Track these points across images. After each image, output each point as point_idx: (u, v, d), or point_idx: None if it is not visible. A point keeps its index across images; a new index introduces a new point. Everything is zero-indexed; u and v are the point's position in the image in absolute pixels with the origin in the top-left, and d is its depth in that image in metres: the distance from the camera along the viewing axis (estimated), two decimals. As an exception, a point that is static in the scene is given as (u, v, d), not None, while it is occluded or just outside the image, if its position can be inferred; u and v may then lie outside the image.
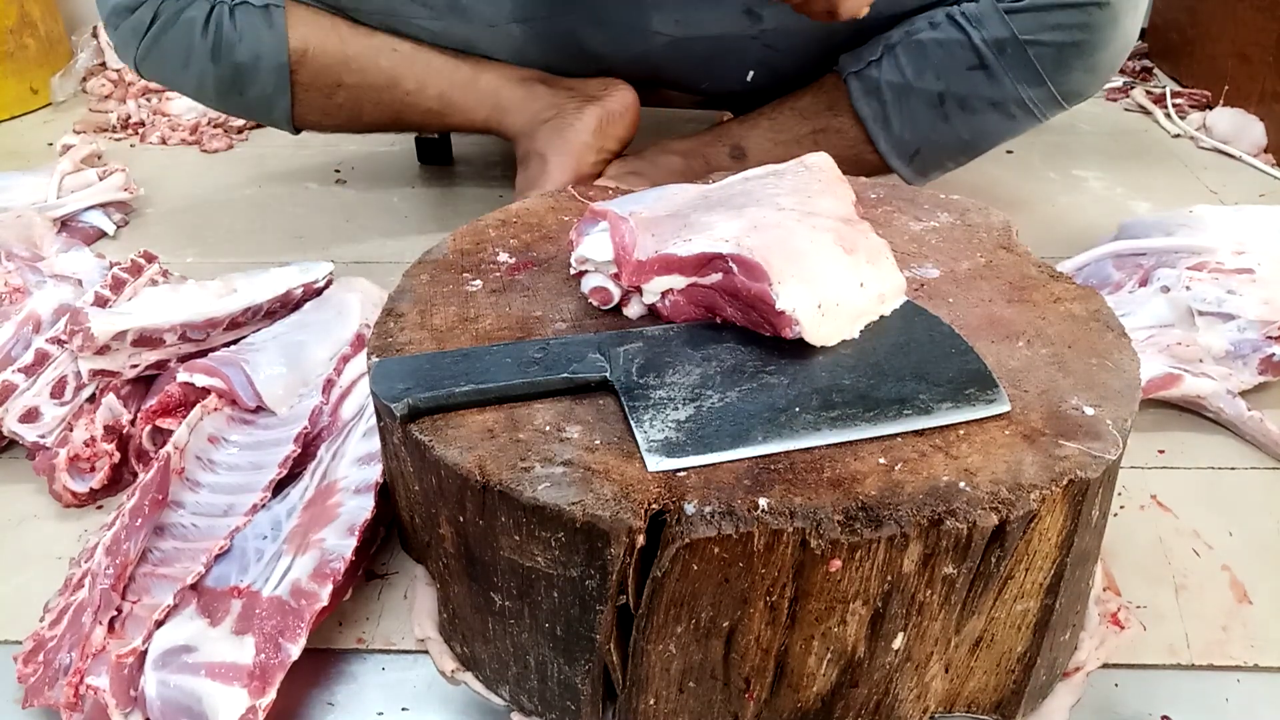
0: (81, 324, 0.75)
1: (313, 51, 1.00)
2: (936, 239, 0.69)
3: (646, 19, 1.02)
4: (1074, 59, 0.94)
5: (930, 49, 0.97)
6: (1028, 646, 0.52)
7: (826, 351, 0.55)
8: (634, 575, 0.46)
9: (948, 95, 0.98)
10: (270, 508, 0.67)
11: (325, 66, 1.01)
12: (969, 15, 0.95)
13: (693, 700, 0.50)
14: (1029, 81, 0.96)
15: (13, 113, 1.58)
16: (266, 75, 1.00)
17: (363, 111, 1.05)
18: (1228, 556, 0.69)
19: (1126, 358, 0.56)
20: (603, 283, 0.60)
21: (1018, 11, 0.93)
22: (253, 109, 1.05)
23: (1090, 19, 0.92)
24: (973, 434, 0.50)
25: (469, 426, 0.51)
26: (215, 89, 1.02)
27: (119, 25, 0.99)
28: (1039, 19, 0.93)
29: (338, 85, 1.02)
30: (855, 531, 0.44)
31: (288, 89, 1.01)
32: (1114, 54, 0.96)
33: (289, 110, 1.04)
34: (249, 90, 1.02)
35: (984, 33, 0.94)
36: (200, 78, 1.01)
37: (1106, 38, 0.94)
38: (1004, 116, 0.99)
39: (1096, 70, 0.96)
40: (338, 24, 1.01)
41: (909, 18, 1.00)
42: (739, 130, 1.06)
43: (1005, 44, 0.94)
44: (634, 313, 0.60)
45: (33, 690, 0.58)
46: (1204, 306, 0.83)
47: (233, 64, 0.99)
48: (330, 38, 1.00)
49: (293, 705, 0.59)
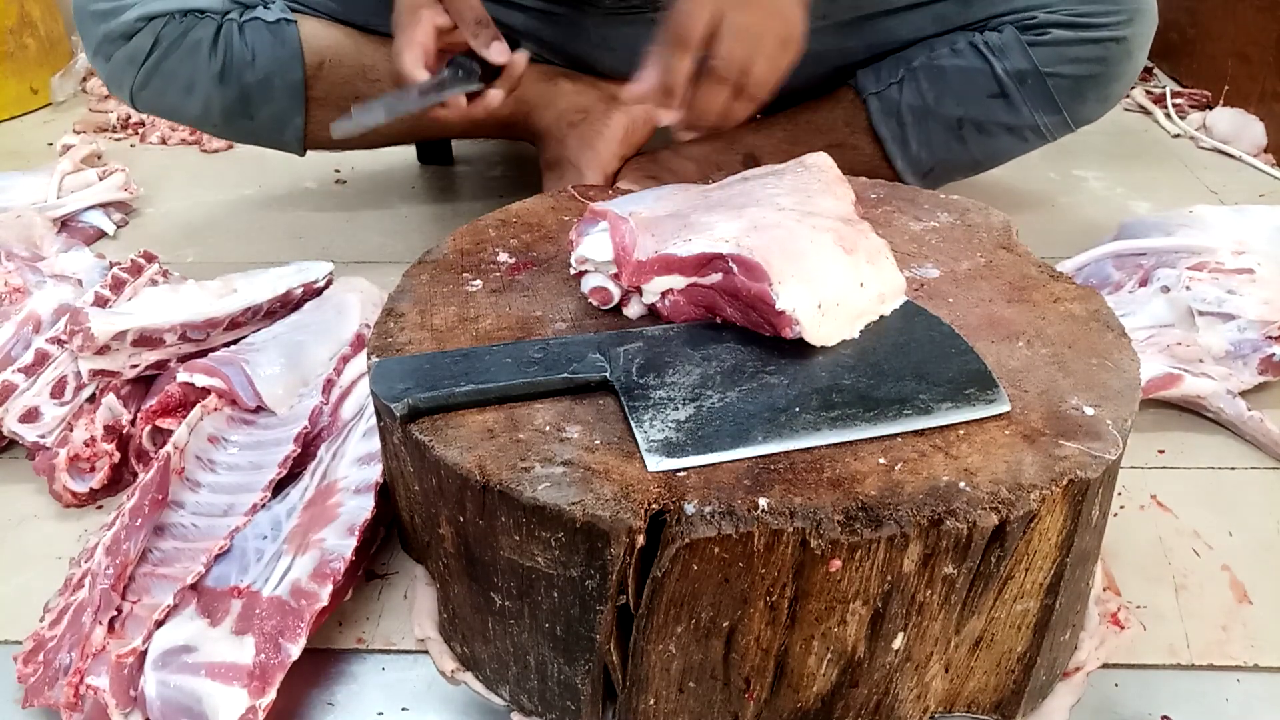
0: (81, 324, 0.75)
1: (329, 64, 0.97)
2: (936, 239, 0.69)
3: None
4: (1089, 90, 0.98)
5: (952, 75, 0.99)
6: (1028, 646, 0.52)
7: (826, 351, 0.55)
8: (634, 575, 0.46)
9: (966, 120, 1.00)
10: (270, 508, 0.67)
11: (342, 78, 0.98)
12: (992, 45, 0.98)
13: (693, 700, 0.50)
14: (1046, 110, 0.99)
15: (13, 113, 1.58)
16: (280, 93, 0.97)
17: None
18: (1228, 556, 0.69)
19: (1126, 358, 0.56)
20: (603, 283, 0.60)
21: (1039, 44, 0.96)
22: (261, 132, 1.02)
23: (1108, 53, 0.95)
24: (973, 434, 0.50)
25: (469, 426, 0.51)
26: (221, 113, 0.99)
27: (112, 55, 0.95)
28: (1059, 52, 0.96)
29: (355, 96, 0.99)
30: (855, 531, 0.44)
31: (302, 106, 0.98)
32: (1126, 84, 0.99)
33: (302, 129, 1.00)
34: (259, 111, 0.99)
35: (1006, 64, 0.96)
36: (205, 103, 0.98)
37: (1121, 70, 0.97)
38: (1017, 139, 1.02)
39: (1109, 99, 1.00)
40: (351, 34, 0.98)
41: (927, 41, 1.01)
42: (752, 138, 1.06)
43: (1026, 75, 0.97)
44: (634, 313, 0.60)
45: (33, 690, 0.58)
46: (1204, 306, 0.83)
47: (243, 85, 0.96)
48: (346, 48, 0.98)
49: (293, 705, 0.59)
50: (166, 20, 0.93)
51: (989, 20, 0.98)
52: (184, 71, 0.95)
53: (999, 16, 0.98)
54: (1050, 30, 0.95)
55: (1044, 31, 0.95)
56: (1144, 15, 0.95)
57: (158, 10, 0.93)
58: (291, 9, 0.96)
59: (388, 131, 1.04)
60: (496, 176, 1.34)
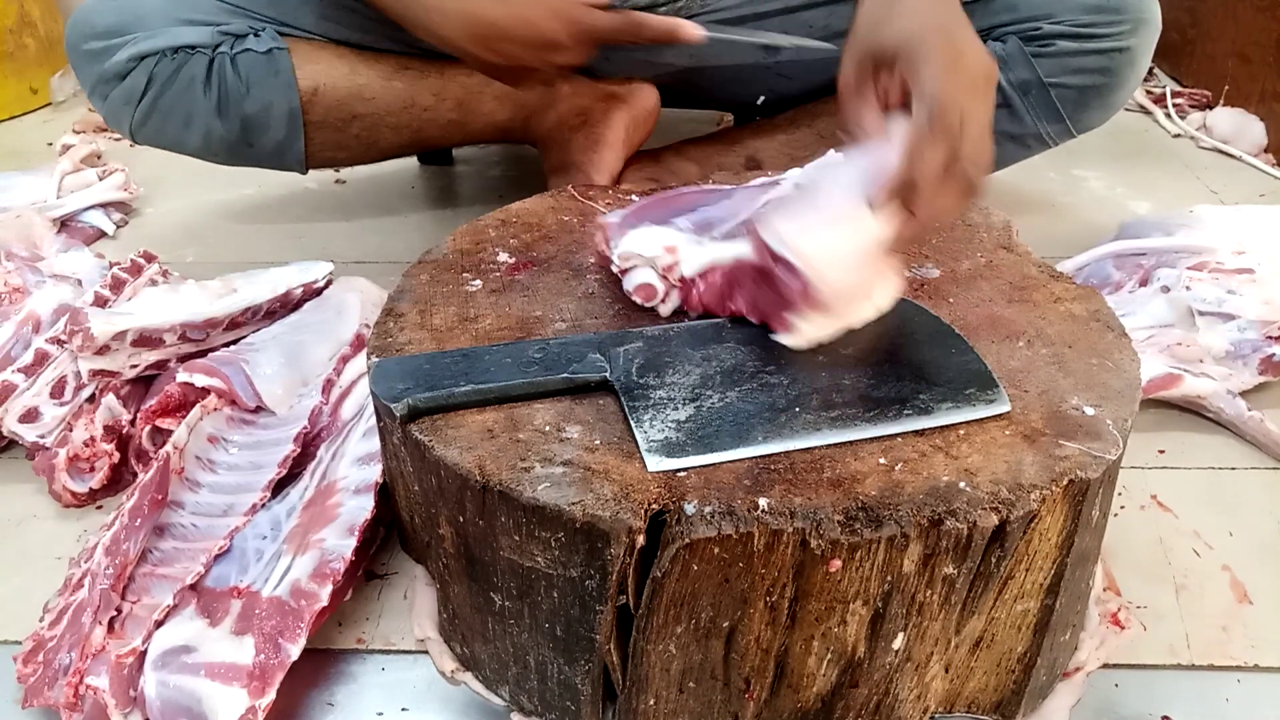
0: (81, 324, 0.75)
1: (323, 88, 0.96)
2: (937, 239, 0.69)
3: (658, 52, 1.01)
4: (1093, 99, 0.97)
5: None
6: (1028, 647, 0.52)
7: (827, 351, 0.55)
8: (634, 575, 0.46)
9: None
10: (270, 508, 0.67)
11: (338, 101, 0.98)
12: (996, 56, 0.97)
13: (693, 700, 0.50)
14: (1049, 119, 0.98)
15: (12, 112, 1.58)
16: (278, 122, 0.97)
17: (380, 138, 1.02)
18: (1228, 556, 0.69)
19: (1127, 358, 0.56)
20: (650, 279, 0.60)
21: (1043, 55, 0.96)
22: (262, 158, 1.02)
23: (1112, 63, 0.95)
24: (973, 434, 0.50)
25: (469, 427, 0.51)
26: (223, 145, 0.98)
27: (108, 95, 0.95)
28: (1063, 63, 0.95)
29: (352, 117, 0.99)
30: (855, 532, 0.44)
31: (301, 132, 0.98)
32: (1129, 92, 0.99)
33: (303, 153, 1.00)
34: (260, 140, 0.98)
35: (1010, 74, 0.96)
36: (206, 136, 0.97)
37: (1124, 79, 0.97)
38: (1020, 147, 1.02)
39: (1111, 107, 1.00)
40: (343, 54, 0.98)
41: None
42: (754, 141, 1.06)
43: (1030, 86, 0.96)
44: (666, 310, 0.61)
45: (32, 690, 0.58)
46: (1204, 306, 0.83)
47: (241, 117, 0.95)
48: (338, 69, 0.97)
49: (292, 705, 0.59)
50: (159, 58, 0.93)
51: (992, 30, 0.98)
52: (181, 107, 0.95)
53: (1002, 27, 0.97)
54: (1054, 41, 0.95)
55: (1048, 43, 0.95)
56: (1147, 25, 0.95)
57: (149, 49, 0.93)
58: (281, 34, 0.96)
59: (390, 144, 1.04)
60: (496, 176, 1.34)
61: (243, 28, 0.95)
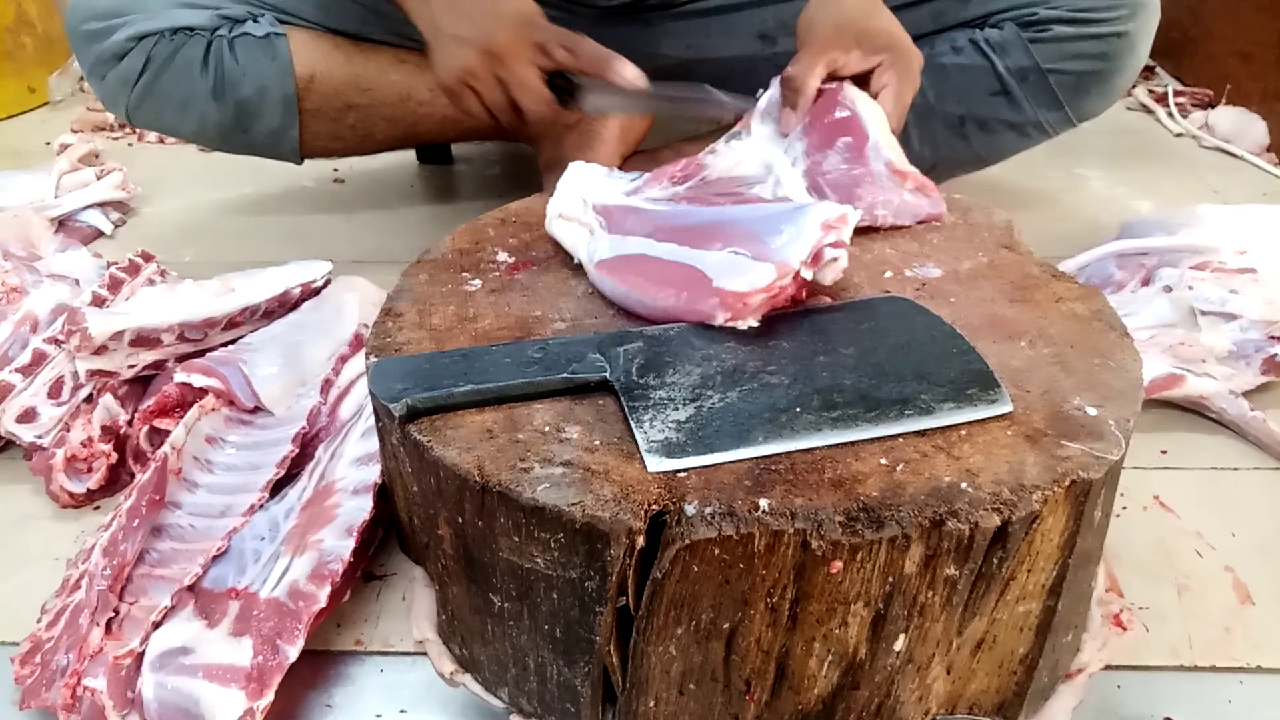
0: (79, 324, 0.75)
1: (319, 76, 0.97)
2: (938, 238, 0.69)
3: (655, 44, 1.01)
4: (1092, 85, 0.97)
5: (953, 73, 0.99)
6: (1030, 648, 0.52)
7: (827, 351, 0.54)
8: (634, 577, 0.46)
9: (968, 118, 1.00)
10: (268, 508, 0.67)
11: (333, 90, 0.98)
12: (992, 43, 0.97)
13: (693, 702, 0.50)
14: (1048, 106, 0.98)
15: (10, 112, 1.58)
16: (273, 108, 0.97)
17: (374, 130, 1.02)
18: (1230, 557, 0.69)
19: (1129, 358, 0.56)
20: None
21: (1041, 41, 0.96)
22: (257, 145, 1.02)
23: (1110, 48, 0.95)
24: (975, 434, 0.49)
25: (468, 427, 0.50)
26: (217, 129, 0.99)
27: (105, 75, 0.95)
28: (1061, 49, 0.95)
29: (348, 107, 0.99)
30: (856, 532, 0.44)
31: (296, 119, 0.98)
32: (1129, 78, 0.99)
33: (297, 141, 1.00)
34: (255, 125, 0.98)
35: (1007, 61, 0.96)
36: (201, 120, 0.98)
37: (1124, 64, 0.96)
38: (1020, 135, 1.02)
39: (1111, 94, 0.99)
40: (341, 44, 0.98)
41: (927, 38, 1.01)
42: None
43: (1028, 72, 0.96)
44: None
45: (30, 691, 0.58)
46: (1206, 306, 0.83)
47: (236, 101, 0.96)
48: (335, 59, 0.97)
49: (290, 707, 0.59)
50: (157, 39, 0.93)
51: (988, 17, 0.97)
52: (177, 90, 0.95)
53: (999, 13, 0.97)
54: (1051, 27, 0.95)
55: (1045, 28, 0.95)
56: (1146, 9, 0.95)
57: (147, 30, 0.93)
58: (280, 21, 0.96)
59: (385, 137, 1.04)
60: (495, 175, 1.33)
61: (242, 13, 0.95)
